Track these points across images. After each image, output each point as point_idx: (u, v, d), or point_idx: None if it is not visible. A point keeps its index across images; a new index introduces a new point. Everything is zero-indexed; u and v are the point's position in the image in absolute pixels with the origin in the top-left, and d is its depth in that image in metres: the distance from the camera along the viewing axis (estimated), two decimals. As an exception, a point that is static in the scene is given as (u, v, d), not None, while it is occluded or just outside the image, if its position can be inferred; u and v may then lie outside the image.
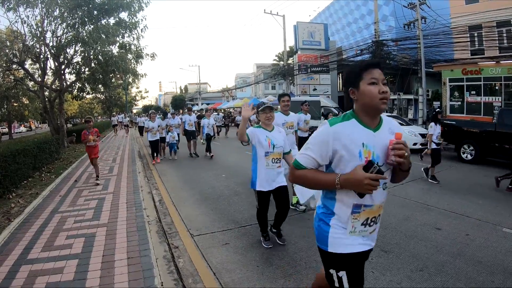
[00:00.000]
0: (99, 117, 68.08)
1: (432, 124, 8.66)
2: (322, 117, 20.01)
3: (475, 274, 3.78)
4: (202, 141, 15.79)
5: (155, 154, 12.56)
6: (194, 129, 13.79)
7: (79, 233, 5.15)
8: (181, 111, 28.42)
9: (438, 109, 9.53)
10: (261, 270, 4.00)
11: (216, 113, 28.15)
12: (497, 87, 19.87)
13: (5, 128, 39.58)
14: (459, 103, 21.37)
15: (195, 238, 5.03)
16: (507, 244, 4.60)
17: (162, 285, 3.62)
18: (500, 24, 19.36)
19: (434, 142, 8.60)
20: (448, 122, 13.24)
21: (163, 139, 13.11)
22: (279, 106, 6.81)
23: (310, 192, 4.03)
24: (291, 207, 5.52)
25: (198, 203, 6.94)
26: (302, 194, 4.32)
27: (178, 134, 13.79)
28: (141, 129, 24.16)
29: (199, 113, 20.55)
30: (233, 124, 24.30)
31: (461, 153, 11.61)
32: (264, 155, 4.33)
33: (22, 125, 56.05)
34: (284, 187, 4.49)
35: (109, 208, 6.44)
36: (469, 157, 11.33)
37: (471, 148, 11.30)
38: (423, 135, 13.72)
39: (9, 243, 4.81)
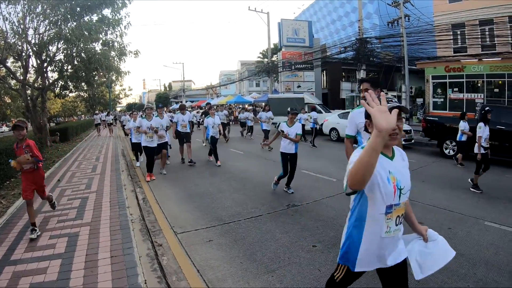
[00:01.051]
0: (83, 115, 67.18)
1: (481, 124, 7.56)
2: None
3: (457, 267, 3.87)
4: (204, 143, 14.22)
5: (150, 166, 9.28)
6: (188, 130, 11.62)
7: (62, 232, 5.11)
8: (165, 108, 26.94)
9: (487, 108, 8.09)
10: (245, 267, 4.03)
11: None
12: (479, 84, 20.25)
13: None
14: (442, 100, 21.76)
15: (178, 236, 5.03)
16: (489, 237, 4.73)
17: (145, 283, 3.62)
18: (482, 23, 19.73)
19: (483, 146, 7.45)
20: (431, 118, 13.46)
21: (164, 145, 9.83)
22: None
23: (438, 263, 2.37)
24: None
25: (181, 201, 6.93)
26: (421, 266, 2.37)
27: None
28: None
29: (204, 109, 18.37)
30: (235, 123, 23.16)
31: (444, 149, 11.84)
32: (384, 213, 2.16)
33: (4, 125, 55.07)
34: (405, 263, 2.33)
35: (92, 207, 6.38)
36: (451, 152, 11.54)
37: (453, 144, 11.50)
38: (406, 131, 13.92)
39: (-10, 244, 4.75)
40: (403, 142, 13.54)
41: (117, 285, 3.56)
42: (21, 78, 16.98)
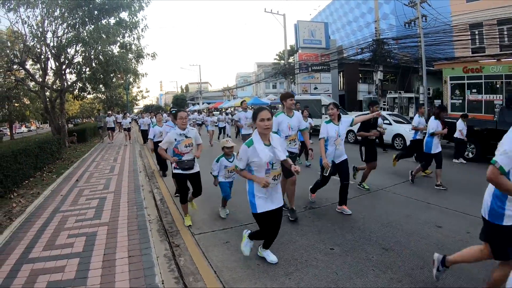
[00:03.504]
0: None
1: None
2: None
3: (476, 271, 3.76)
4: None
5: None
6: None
7: (80, 232, 5.16)
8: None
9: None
10: (262, 268, 4.00)
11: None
12: (498, 85, 19.86)
13: (6, 128, 39.47)
14: (460, 101, 21.39)
15: (196, 237, 5.03)
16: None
17: (163, 283, 3.62)
18: (501, 22, 19.36)
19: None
20: (449, 120, 13.23)
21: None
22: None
23: None
24: None
25: (199, 202, 6.88)
26: None
27: None
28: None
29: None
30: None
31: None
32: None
33: (23, 125, 56.11)
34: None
35: (110, 207, 6.44)
36: (470, 155, 11.32)
37: (472, 146, 11.28)
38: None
39: (10, 242, 4.83)
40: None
41: (135, 285, 3.57)
42: (40, 80, 17.35)
